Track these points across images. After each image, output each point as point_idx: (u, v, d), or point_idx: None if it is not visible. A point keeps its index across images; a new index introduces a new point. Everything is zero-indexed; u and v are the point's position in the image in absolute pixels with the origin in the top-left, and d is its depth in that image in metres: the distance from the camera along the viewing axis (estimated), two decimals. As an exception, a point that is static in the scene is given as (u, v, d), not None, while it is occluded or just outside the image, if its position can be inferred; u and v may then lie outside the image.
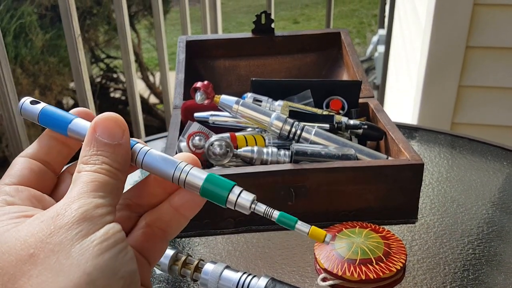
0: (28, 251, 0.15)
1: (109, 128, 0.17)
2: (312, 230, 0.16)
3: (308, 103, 0.48)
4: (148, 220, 0.19)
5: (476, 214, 0.43)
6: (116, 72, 2.50)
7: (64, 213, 0.15)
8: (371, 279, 0.33)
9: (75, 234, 0.15)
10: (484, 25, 0.88)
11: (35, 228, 0.15)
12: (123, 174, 0.17)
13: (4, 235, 0.15)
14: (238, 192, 0.17)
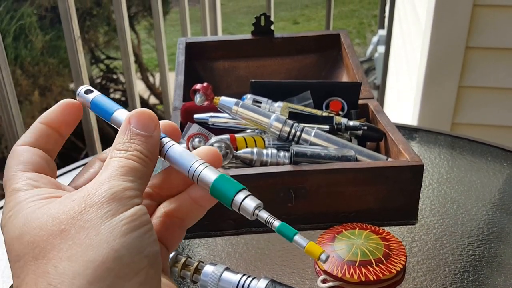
0: (59, 227, 0.16)
1: (142, 120, 0.18)
2: (308, 246, 0.17)
3: (308, 104, 0.48)
4: (167, 210, 0.20)
5: (476, 215, 0.43)
6: (116, 73, 2.50)
7: (95, 193, 0.16)
8: (371, 281, 0.33)
9: (104, 213, 0.16)
10: (484, 25, 0.88)
11: (66, 206, 0.16)
12: (151, 163, 0.18)
13: (36, 212, 0.16)
14: (244, 196, 0.17)
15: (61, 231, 0.16)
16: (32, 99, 1.93)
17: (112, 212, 0.16)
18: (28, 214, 0.16)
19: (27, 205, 0.17)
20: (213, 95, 0.44)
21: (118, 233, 0.15)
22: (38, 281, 0.15)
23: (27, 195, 0.17)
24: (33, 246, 0.16)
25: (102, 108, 0.20)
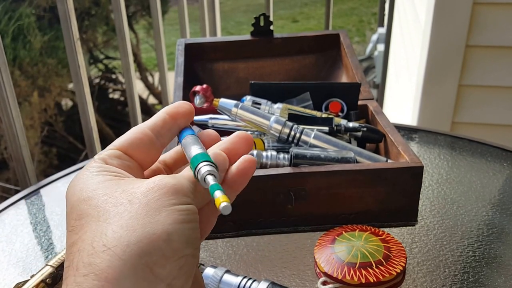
0: (127, 198, 0.18)
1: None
2: (217, 199, 0.18)
3: (307, 105, 0.48)
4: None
5: (476, 216, 0.43)
6: (114, 72, 2.50)
7: (166, 181, 0.18)
8: (371, 283, 0.33)
9: (168, 199, 0.18)
10: (484, 24, 0.88)
11: (137, 183, 0.18)
12: (204, 197, 0.20)
13: (105, 183, 0.18)
14: (204, 165, 0.19)
15: (128, 201, 0.17)
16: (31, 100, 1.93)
17: (174, 202, 0.18)
18: (100, 182, 0.18)
19: (101, 175, 0.19)
20: (213, 97, 0.44)
21: (175, 220, 0.17)
22: (95, 240, 0.16)
23: (104, 167, 0.19)
24: (98, 210, 0.17)
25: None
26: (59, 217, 0.45)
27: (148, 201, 0.17)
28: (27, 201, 0.49)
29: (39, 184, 0.51)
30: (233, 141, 0.22)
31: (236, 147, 0.21)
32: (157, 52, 1.03)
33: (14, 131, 0.74)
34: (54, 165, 2.10)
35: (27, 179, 0.77)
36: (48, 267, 0.34)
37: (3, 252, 0.41)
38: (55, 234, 0.43)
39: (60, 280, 0.34)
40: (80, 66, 0.80)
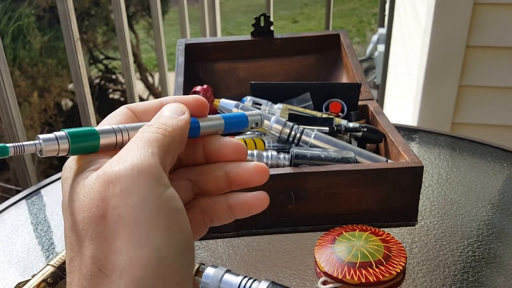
0: (98, 212, 0.16)
1: (172, 108, 0.19)
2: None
3: (308, 106, 0.48)
4: (203, 208, 0.20)
5: (476, 216, 0.43)
6: (114, 73, 2.50)
7: (123, 170, 0.16)
8: (371, 282, 0.33)
9: (138, 200, 0.15)
10: (484, 24, 0.88)
11: (96, 185, 0.16)
12: (177, 133, 0.18)
13: (82, 186, 0.16)
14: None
15: (101, 217, 0.16)
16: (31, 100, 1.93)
17: (144, 201, 0.15)
18: (74, 189, 0.17)
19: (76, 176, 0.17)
20: (213, 97, 0.44)
21: (157, 229, 0.15)
22: (89, 264, 0.16)
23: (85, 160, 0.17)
24: (80, 227, 0.16)
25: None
26: (59, 217, 0.45)
27: (119, 210, 0.15)
28: (28, 201, 0.49)
29: (40, 184, 0.51)
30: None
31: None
32: (157, 52, 1.03)
33: (14, 131, 0.74)
34: (54, 165, 2.10)
35: (28, 179, 0.77)
36: (49, 266, 0.34)
37: (4, 252, 0.41)
38: (56, 234, 0.43)
39: (61, 280, 0.34)
40: (80, 66, 0.80)
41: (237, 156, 0.20)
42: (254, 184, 0.20)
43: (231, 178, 0.20)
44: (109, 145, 0.18)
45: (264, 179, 0.20)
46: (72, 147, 0.17)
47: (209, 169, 0.20)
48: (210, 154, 0.20)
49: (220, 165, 0.20)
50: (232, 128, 0.21)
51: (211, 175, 0.20)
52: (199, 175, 0.20)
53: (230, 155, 0.20)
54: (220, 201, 0.20)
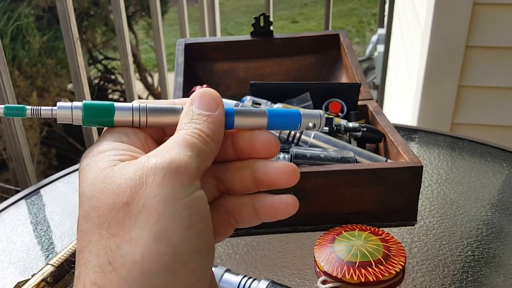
0: (122, 199, 0.15)
1: (205, 100, 0.18)
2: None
3: (307, 105, 0.48)
4: (229, 208, 0.19)
5: (476, 216, 0.43)
6: (114, 73, 2.49)
7: (155, 164, 0.15)
8: (370, 282, 0.33)
9: (166, 194, 0.15)
10: (484, 24, 0.88)
11: (129, 173, 0.16)
12: (213, 143, 0.17)
13: (106, 173, 0.16)
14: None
15: (124, 204, 0.15)
16: (30, 100, 1.93)
17: (173, 196, 0.15)
18: (98, 174, 0.16)
19: (102, 161, 0.16)
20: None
21: (178, 226, 0.15)
22: (100, 255, 0.15)
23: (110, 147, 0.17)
24: (98, 213, 0.15)
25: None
26: (59, 217, 0.45)
27: (144, 201, 0.15)
28: (27, 201, 0.49)
29: (39, 184, 0.51)
30: None
31: None
32: (156, 53, 1.03)
33: (14, 131, 0.74)
34: (54, 166, 2.10)
35: (27, 179, 0.77)
36: (49, 266, 0.34)
37: (3, 251, 0.41)
38: (55, 234, 0.43)
39: (61, 279, 0.34)
40: (80, 65, 0.80)
41: (267, 151, 0.18)
42: (281, 186, 0.18)
43: (257, 178, 0.19)
44: (124, 122, 0.18)
45: (293, 181, 0.18)
46: (85, 116, 0.17)
47: (236, 167, 0.19)
48: (239, 149, 0.19)
49: (248, 163, 0.19)
50: (277, 126, 0.19)
51: (237, 173, 0.19)
52: (225, 173, 0.19)
53: (260, 151, 0.19)
54: (246, 202, 0.19)
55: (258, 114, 0.18)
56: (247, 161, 0.19)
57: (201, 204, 0.16)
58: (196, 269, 0.15)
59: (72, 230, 0.43)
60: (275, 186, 0.18)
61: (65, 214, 0.46)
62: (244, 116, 0.18)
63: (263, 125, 0.19)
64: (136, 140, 0.18)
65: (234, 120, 0.18)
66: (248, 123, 0.18)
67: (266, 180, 0.18)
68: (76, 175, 0.53)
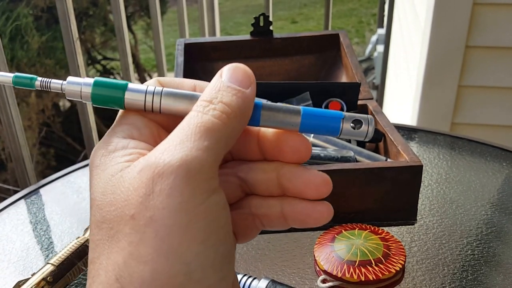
0: (129, 211, 0.14)
1: (236, 73, 0.16)
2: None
3: (307, 105, 0.48)
4: (254, 210, 0.17)
5: (475, 215, 0.43)
6: (113, 73, 2.49)
7: (164, 167, 0.13)
8: (370, 281, 0.33)
9: (177, 204, 0.13)
10: (484, 24, 0.89)
11: (135, 180, 0.14)
12: (237, 122, 0.15)
13: (115, 179, 0.14)
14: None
15: (131, 217, 0.14)
16: (29, 100, 1.93)
17: (184, 206, 0.13)
18: (107, 182, 0.14)
19: (111, 164, 0.15)
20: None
21: (192, 240, 0.13)
22: (108, 270, 0.14)
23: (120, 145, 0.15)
24: (109, 225, 0.14)
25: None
26: (59, 217, 0.45)
27: (152, 213, 0.13)
28: (27, 200, 0.49)
29: (39, 183, 0.51)
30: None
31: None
32: (156, 53, 1.03)
33: (14, 131, 0.74)
34: (52, 166, 2.10)
35: (27, 179, 0.77)
36: (49, 265, 0.34)
37: (3, 251, 0.41)
38: (55, 233, 0.43)
39: (61, 279, 0.34)
40: (79, 65, 0.80)
41: (296, 157, 0.16)
42: (309, 197, 0.16)
43: (283, 185, 0.16)
44: (136, 105, 0.16)
45: (323, 194, 0.16)
46: (94, 94, 0.16)
47: (261, 169, 0.17)
48: (265, 149, 0.17)
49: (274, 165, 0.16)
50: (312, 129, 0.15)
51: (262, 175, 0.17)
52: (249, 173, 0.17)
53: (288, 155, 0.16)
54: (274, 205, 0.17)
55: (290, 112, 0.16)
56: (274, 163, 0.17)
57: (218, 210, 0.14)
58: (214, 283, 0.14)
59: (71, 229, 0.43)
60: (301, 196, 0.16)
61: (64, 213, 0.46)
62: (273, 112, 0.16)
63: (294, 126, 0.16)
64: (149, 134, 0.16)
65: (260, 115, 0.15)
66: (277, 122, 0.16)
67: (292, 189, 0.16)
68: (75, 175, 0.53)
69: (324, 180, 0.16)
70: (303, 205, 0.16)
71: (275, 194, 0.17)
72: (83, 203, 0.47)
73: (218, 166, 0.15)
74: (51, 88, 0.16)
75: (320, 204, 0.16)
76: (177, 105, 0.16)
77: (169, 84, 0.17)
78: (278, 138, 0.16)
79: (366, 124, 0.16)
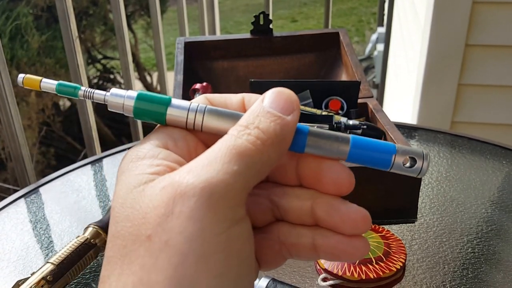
0: (146, 231, 0.13)
1: (279, 99, 0.15)
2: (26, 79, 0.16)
3: (307, 103, 0.48)
4: (283, 238, 0.16)
5: (475, 213, 0.43)
6: (113, 72, 2.49)
7: (187, 187, 0.13)
8: (371, 279, 0.33)
9: (195, 231, 0.12)
10: (484, 23, 0.88)
11: (156, 199, 0.13)
12: (273, 150, 0.14)
13: (135, 193, 0.13)
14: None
15: (147, 238, 0.13)
16: (29, 100, 1.93)
17: (203, 234, 0.12)
18: (129, 193, 0.13)
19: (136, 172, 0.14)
20: (213, 95, 0.44)
21: (207, 271, 0.12)
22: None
23: (150, 153, 0.14)
24: (122, 243, 0.13)
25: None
26: (58, 216, 0.45)
27: (168, 237, 0.12)
28: (27, 199, 0.49)
29: (39, 182, 0.51)
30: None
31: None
32: (156, 52, 1.03)
33: (13, 130, 0.74)
34: (52, 165, 2.10)
35: (27, 178, 0.77)
36: (49, 264, 0.34)
37: (3, 250, 0.41)
38: (55, 232, 0.43)
39: (61, 278, 0.34)
40: (79, 64, 0.80)
41: (336, 189, 0.15)
42: (345, 233, 0.15)
43: (318, 216, 0.15)
44: (178, 121, 0.15)
45: (362, 231, 0.15)
46: (136, 108, 0.15)
47: (296, 195, 0.16)
48: (303, 175, 0.16)
49: (311, 194, 0.15)
50: (361, 160, 0.15)
51: (296, 202, 0.15)
52: (282, 198, 0.16)
53: (327, 186, 0.15)
54: (305, 235, 0.15)
55: (339, 140, 0.15)
56: (310, 191, 0.15)
57: (240, 242, 0.13)
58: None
59: (71, 228, 0.43)
60: (337, 230, 0.15)
61: (64, 212, 0.46)
62: (320, 139, 0.15)
63: (342, 155, 0.15)
64: (184, 147, 0.15)
65: (306, 142, 0.15)
66: (323, 150, 0.15)
67: (328, 222, 0.15)
68: (75, 174, 0.53)
69: (363, 217, 0.15)
70: (337, 238, 0.15)
71: (307, 224, 0.16)
72: (83, 202, 0.47)
73: (246, 194, 0.14)
74: (94, 99, 0.16)
75: (357, 240, 0.15)
76: (219, 124, 0.15)
77: (216, 100, 0.16)
78: (319, 167, 0.15)
79: (421, 160, 0.15)
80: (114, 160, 0.55)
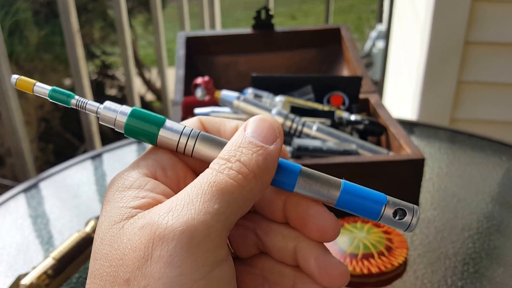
0: (124, 275, 0.13)
1: (260, 128, 0.14)
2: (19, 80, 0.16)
3: (309, 98, 0.48)
4: (265, 273, 0.16)
5: (476, 209, 0.43)
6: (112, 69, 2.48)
7: (166, 230, 0.12)
8: (373, 274, 0.33)
9: (174, 277, 0.12)
10: (483, 20, 0.88)
11: (135, 239, 0.13)
12: (256, 183, 0.14)
13: (114, 230, 0.13)
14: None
15: (125, 281, 0.12)
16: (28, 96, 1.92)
17: (182, 279, 0.12)
18: (109, 229, 0.13)
19: (119, 206, 0.14)
20: (214, 89, 0.44)
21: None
22: None
23: (137, 183, 0.14)
24: (100, 283, 0.13)
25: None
26: (59, 210, 0.45)
27: (147, 282, 0.12)
28: (27, 194, 0.48)
29: (38, 177, 0.51)
30: None
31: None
32: (156, 49, 1.03)
33: (13, 124, 0.73)
34: (51, 161, 2.09)
35: (27, 173, 0.76)
36: (50, 259, 0.34)
37: (3, 244, 0.40)
38: (55, 227, 0.43)
39: (62, 273, 0.34)
40: (79, 57, 0.80)
41: (321, 236, 0.15)
42: (321, 284, 0.15)
43: (298, 261, 0.15)
44: (168, 144, 0.15)
45: (337, 287, 0.15)
46: (128, 125, 0.15)
47: (280, 233, 0.15)
48: (289, 215, 0.15)
49: (295, 235, 0.15)
50: (350, 207, 0.14)
51: (280, 240, 0.15)
52: (267, 234, 0.15)
53: (313, 233, 0.15)
54: (287, 275, 0.15)
55: (329, 184, 0.15)
56: (295, 232, 0.15)
57: (221, 285, 0.13)
58: None
59: (71, 223, 0.43)
60: (313, 279, 0.15)
61: (64, 207, 0.46)
62: (311, 180, 0.14)
63: (331, 200, 0.15)
64: (173, 176, 0.15)
65: (296, 182, 0.14)
66: (313, 191, 0.14)
67: (306, 269, 0.15)
68: (75, 169, 0.52)
69: (341, 273, 0.15)
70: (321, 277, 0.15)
71: (289, 264, 0.15)
72: (83, 197, 0.47)
73: (228, 232, 0.13)
74: (87, 110, 0.16)
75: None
76: (210, 152, 0.15)
77: (210, 124, 0.16)
78: (305, 211, 0.15)
79: (411, 214, 0.15)
80: (114, 155, 0.55)
